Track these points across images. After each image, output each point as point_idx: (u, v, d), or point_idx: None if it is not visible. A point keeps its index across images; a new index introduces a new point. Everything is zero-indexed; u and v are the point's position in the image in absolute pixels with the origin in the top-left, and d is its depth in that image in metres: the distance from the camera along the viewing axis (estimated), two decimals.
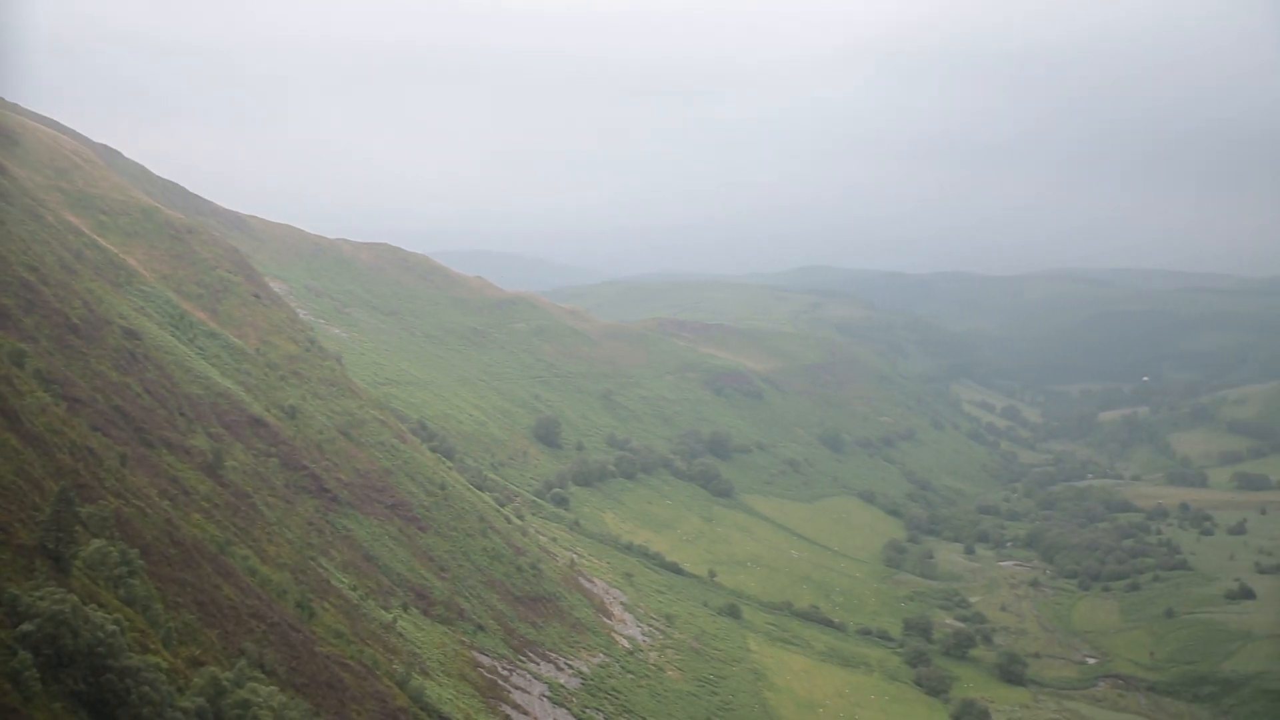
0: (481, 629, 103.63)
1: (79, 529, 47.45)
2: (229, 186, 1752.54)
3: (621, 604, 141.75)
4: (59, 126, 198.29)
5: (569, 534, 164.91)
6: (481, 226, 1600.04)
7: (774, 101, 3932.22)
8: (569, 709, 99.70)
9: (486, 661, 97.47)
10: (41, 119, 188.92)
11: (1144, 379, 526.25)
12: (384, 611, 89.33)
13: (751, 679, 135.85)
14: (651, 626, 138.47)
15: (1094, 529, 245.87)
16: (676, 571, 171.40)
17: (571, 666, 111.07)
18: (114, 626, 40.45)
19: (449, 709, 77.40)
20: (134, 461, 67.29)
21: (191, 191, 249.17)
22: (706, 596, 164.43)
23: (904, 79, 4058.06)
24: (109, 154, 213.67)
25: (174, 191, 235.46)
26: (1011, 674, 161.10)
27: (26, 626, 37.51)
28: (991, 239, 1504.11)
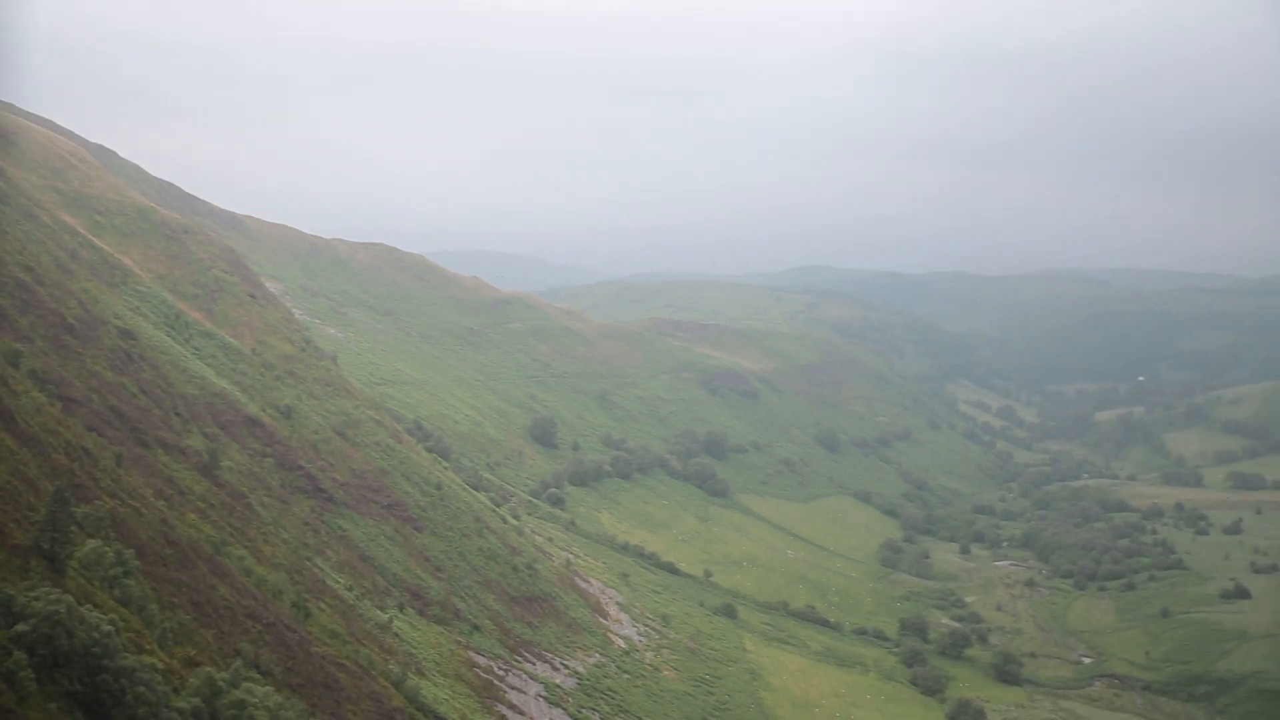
0: (477, 629, 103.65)
1: (74, 529, 47.48)
2: (229, 186, 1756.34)
3: (617, 604, 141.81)
4: (54, 126, 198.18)
5: (565, 534, 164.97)
6: (481, 226, 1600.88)
7: (774, 101, 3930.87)
8: (565, 709, 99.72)
9: (482, 661, 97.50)
10: (37, 119, 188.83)
11: (1139, 379, 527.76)
12: (380, 611, 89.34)
13: (747, 679, 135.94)
14: (647, 626, 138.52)
15: (1089, 529, 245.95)
16: (672, 571, 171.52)
17: (567, 666, 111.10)
18: (109, 627, 40.45)
19: (445, 709, 77.40)
20: (129, 461, 67.30)
21: (187, 191, 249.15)
22: (702, 596, 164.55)
23: (904, 79, 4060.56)
24: (104, 154, 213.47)
25: (170, 191, 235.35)
26: (1007, 674, 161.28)
27: (21, 627, 37.49)
28: (991, 239, 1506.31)
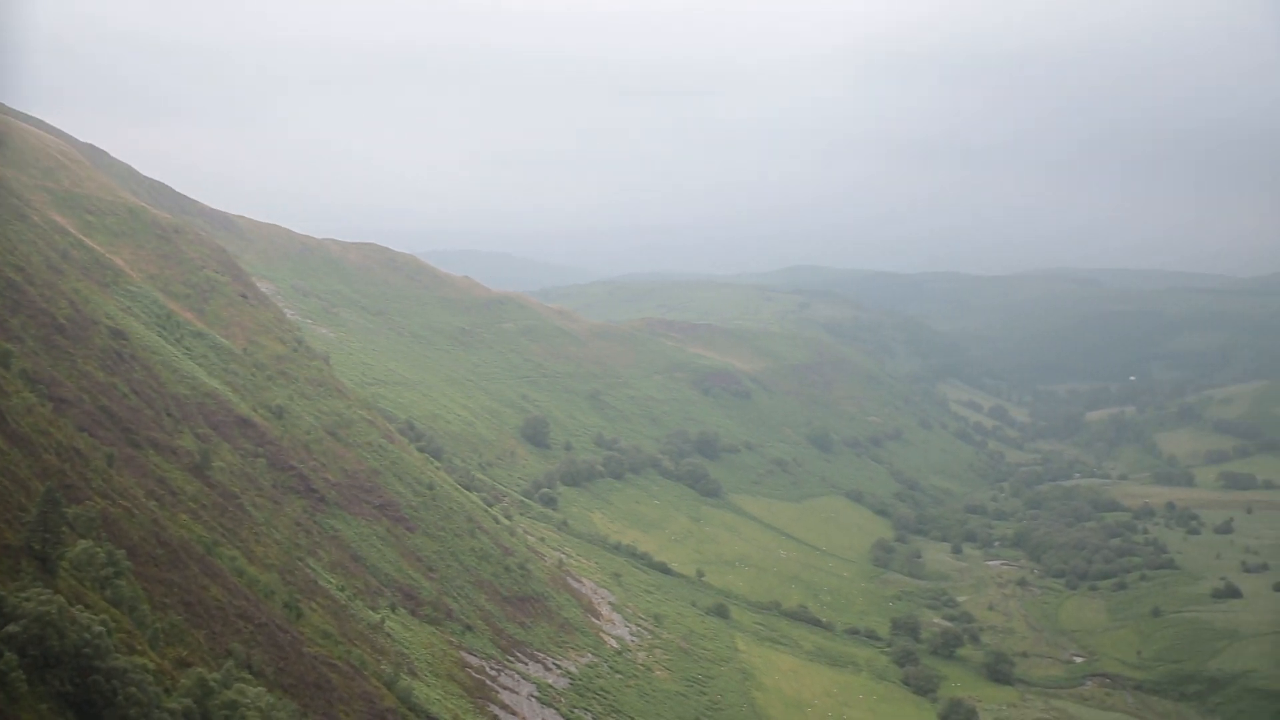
0: (469, 629, 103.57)
1: (65, 530, 47.36)
2: (228, 186, 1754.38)
3: (610, 604, 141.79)
4: (44, 125, 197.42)
5: (557, 534, 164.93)
6: (479, 226, 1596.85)
7: (773, 101, 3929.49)
8: (557, 709, 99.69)
9: (474, 662, 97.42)
10: (27, 118, 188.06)
11: (1131, 379, 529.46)
12: (372, 612, 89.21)
13: (740, 679, 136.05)
14: (640, 626, 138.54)
15: (1081, 528, 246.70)
16: (664, 571, 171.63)
17: (560, 666, 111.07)
18: (100, 627, 40.42)
19: (437, 709, 77.35)
20: (121, 462, 67.09)
21: (179, 191, 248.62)
22: (695, 596, 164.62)
23: (904, 79, 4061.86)
24: (94, 153, 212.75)
25: (161, 191, 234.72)
26: (999, 673, 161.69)
27: (13, 628, 37.41)
28: (990, 239, 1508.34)
